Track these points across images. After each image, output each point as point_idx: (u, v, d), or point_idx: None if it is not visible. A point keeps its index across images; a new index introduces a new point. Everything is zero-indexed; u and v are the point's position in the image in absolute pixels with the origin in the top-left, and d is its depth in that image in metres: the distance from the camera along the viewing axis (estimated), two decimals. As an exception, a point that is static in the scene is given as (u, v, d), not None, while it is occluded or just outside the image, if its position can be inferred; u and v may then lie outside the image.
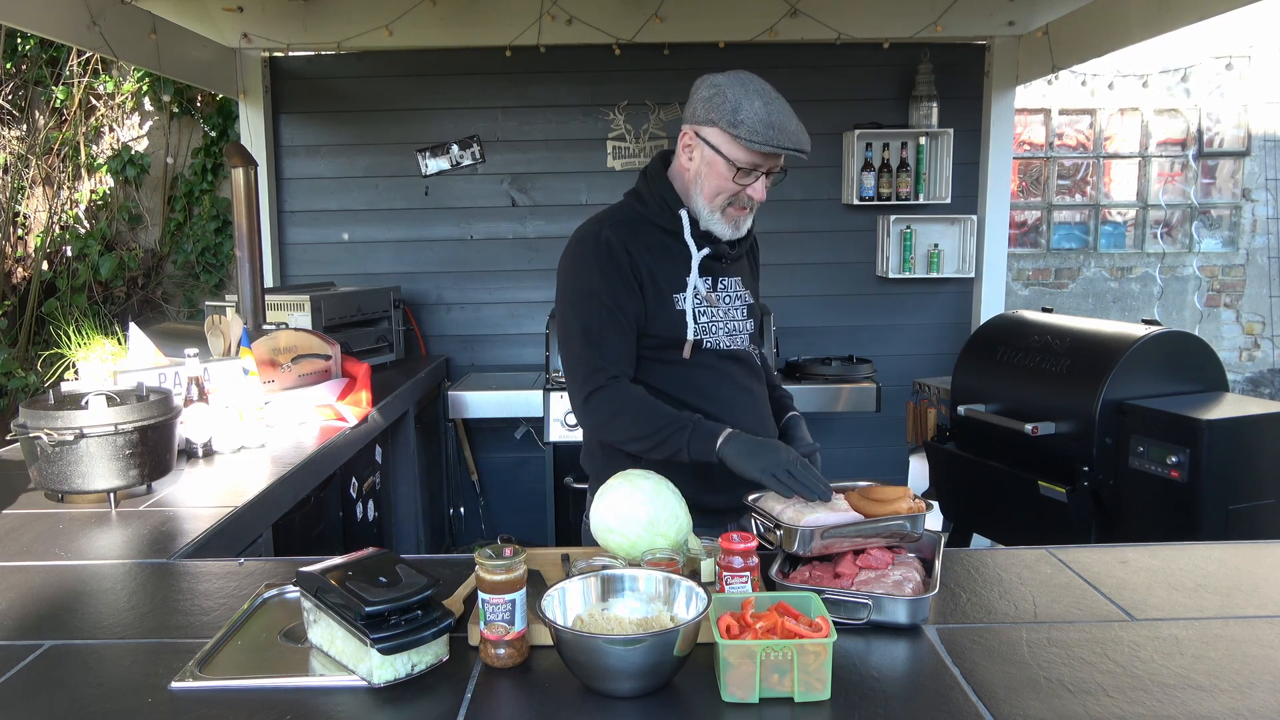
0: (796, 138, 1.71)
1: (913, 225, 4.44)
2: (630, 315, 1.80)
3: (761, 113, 1.69)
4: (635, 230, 1.84)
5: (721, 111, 1.71)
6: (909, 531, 1.50)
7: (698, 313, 1.85)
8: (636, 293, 1.80)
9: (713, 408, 1.82)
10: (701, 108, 1.75)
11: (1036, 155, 6.17)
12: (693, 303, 1.84)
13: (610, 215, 1.88)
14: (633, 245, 1.81)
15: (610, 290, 1.78)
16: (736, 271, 1.94)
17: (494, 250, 4.51)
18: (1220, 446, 2.74)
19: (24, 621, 1.42)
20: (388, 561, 1.29)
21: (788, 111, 1.73)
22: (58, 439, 1.88)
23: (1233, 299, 6.29)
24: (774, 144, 1.70)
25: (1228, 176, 6.24)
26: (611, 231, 1.81)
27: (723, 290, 1.90)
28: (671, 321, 1.83)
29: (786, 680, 1.14)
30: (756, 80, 1.75)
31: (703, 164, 1.78)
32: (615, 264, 1.78)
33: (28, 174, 5.09)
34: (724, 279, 1.91)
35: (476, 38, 4.21)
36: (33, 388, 4.67)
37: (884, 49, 4.35)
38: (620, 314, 1.79)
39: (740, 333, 1.92)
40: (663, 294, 1.82)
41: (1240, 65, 6.12)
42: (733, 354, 1.90)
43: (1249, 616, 1.40)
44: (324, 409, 2.78)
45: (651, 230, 1.85)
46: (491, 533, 4.64)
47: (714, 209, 1.80)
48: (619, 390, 1.78)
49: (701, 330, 1.85)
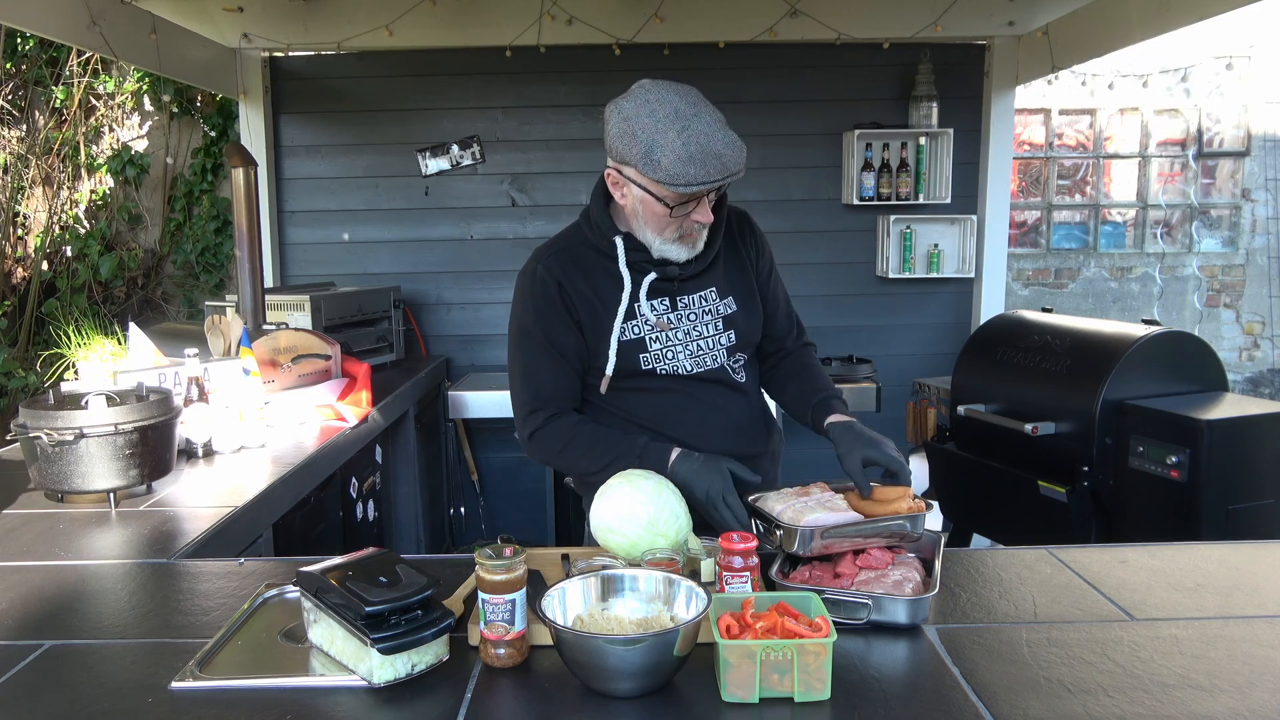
0: (724, 163, 1.55)
1: (913, 225, 4.44)
2: (569, 350, 1.77)
3: (677, 147, 1.53)
4: (577, 259, 1.78)
5: (635, 152, 1.57)
6: (909, 531, 1.50)
7: (651, 339, 1.76)
8: (574, 329, 1.76)
9: (675, 432, 1.78)
10: (616, 144, 1.62)
11: (1036, 155, 6.17)
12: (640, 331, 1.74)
13: (555, 244, 1.83)
14: (571, 277, 1.75)
15: (545, 327, 1.76)
16: (706, 282, 1.81)
17: (494, 250, 4.51)
18: (1220, 446, 2.74)
19: (24, 621, 1.42)
20: (388, 561, 1.29)
21: (711, 129, 1.56)
22: (58, 439, 1.88)
23: (1233, 299, 6.29)
24: (699, 182, 1.55)
25: (1228, 176, 6.24)
26: (548, 266, 1.77)
27: (684, 309, 1.78)
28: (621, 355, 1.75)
29: (786, 680, 1.14)
30: (666, 95, 1.58)
31: (636, 202, 1.67)
32: (549, 300, 1.75)
33: (28, 174, 5.09)
34: (685, 296, 1.79)
35: (476, 38, 4.21)
36: (33, 388, 4.67)
37: (884, 49, 4.35)
38: (555, 350, 1.76)
39: (710, 351, 1.80)
40: (601, 326, 1.75)
41: (1240, 65, 6.12)
42: (697, 376, 1.80)
43: (1249, 616, 1.40)
44: (324, 409, 2.78)
45: (594, 257, 1.77)
46: (491, 533, 4.64)
47: (665, 240, 1.70)
48: (559, 425, 1.78)
49: (655, 358, 1.76)
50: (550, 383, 1.78)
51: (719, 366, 1.82)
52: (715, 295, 1.82)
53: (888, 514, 1.49)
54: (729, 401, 1.84)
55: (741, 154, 1.59)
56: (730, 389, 1.84)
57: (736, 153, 1.58)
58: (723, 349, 1.82)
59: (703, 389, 1.81)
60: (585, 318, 1.76)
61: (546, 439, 1.78)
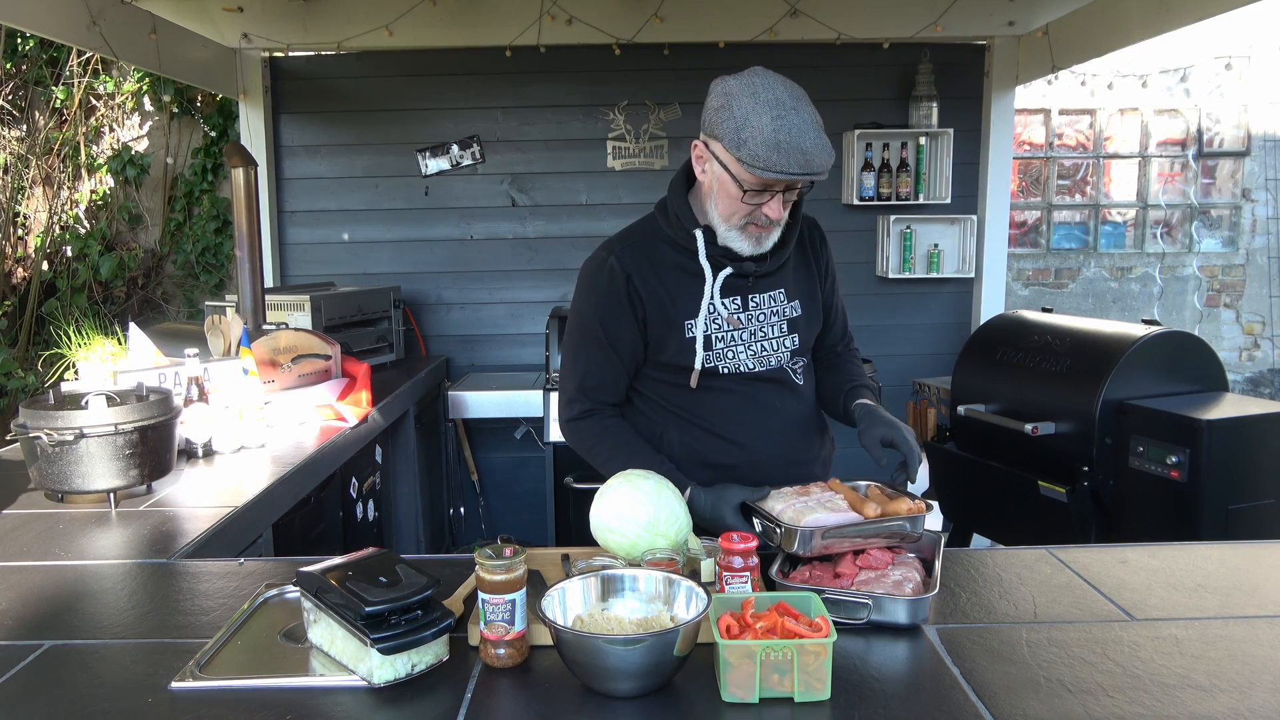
0: (808, 160, 1.54)
1: (913, 225, 4.44)
2: (625, 345, 1.77)
3: (768, 132, 1.53)
4: (650, 253, 1.76)
5: (726, 127, 1.58)
6: (909, 532, 1.50)
7: (716, 337, 1.75)
8: (634, 324, 1.76)
9: (730, 432, 1.79)
10: (710, 117, 1.63)
11: (1036, 155, 6.17)
12: (709, 328, 1.74)
13: (627, 236, 1.82)
14: (643, 271, 1.75)
15: (604, 321, 1.77)
16: (777, 283, 1.80)
17: (494, 250, 4.51)
18: (1220, 446, 2.74)
19: (24, 621, 1.42)
20: (388, 561, 1.29)
21: (805, 125, 1.55)
22: (58, 439, 1.88)
23: (1233, 299, 6.29)
24: (778, 170, 1.54)
25: (1227, 176, 6.24)
26: (620, 258, 1.76)
27: (755, 309, 1.78)
28: (681, 349, 1.75)
29: (786, 680, 1.14)
30: (773, 84, 1.58)
31: (714, 180, 1.67)
32: (614, 294, 1.75)
33: (28, 174, 5.09)
34: (757, 296, 1.78)
35: (476, 38, 4.21)
36: (33, 388, 4.67)
37: (884, 49, 4.35)
38: (611, 345, 1.78)
39: (774, 352, 1.80)
40: (671, 322, 1.74)
41: (1240, 65, 6.12)
42: (758, 376, 1.79)
43: (1249, 616, 1.40)
44: (324, 409, 2.78)
45: (669, 251, 1.76)
46: (491, 533, 4.64)
47: (730, 226, 1.69)
48: (595, 424, 1.82)
49: (718, 356, 1.75)
50: (596, 375, 1.80)
51: (780, 368, 1.82)
52: (784, 297, 1.81)
53: (887, 514, 1.49)
54: (786, 404, 1.84)
55: (828, 159, 1.57)
56: (789, 391, 1.84)
57: (823, 155, 1.57)
58: (786, 351, 1.82)
59: (763, 390, 1.80)
60: (651, 312, 1.75)
61: (580, 431, 1.83)
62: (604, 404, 1.82)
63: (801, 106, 1.57)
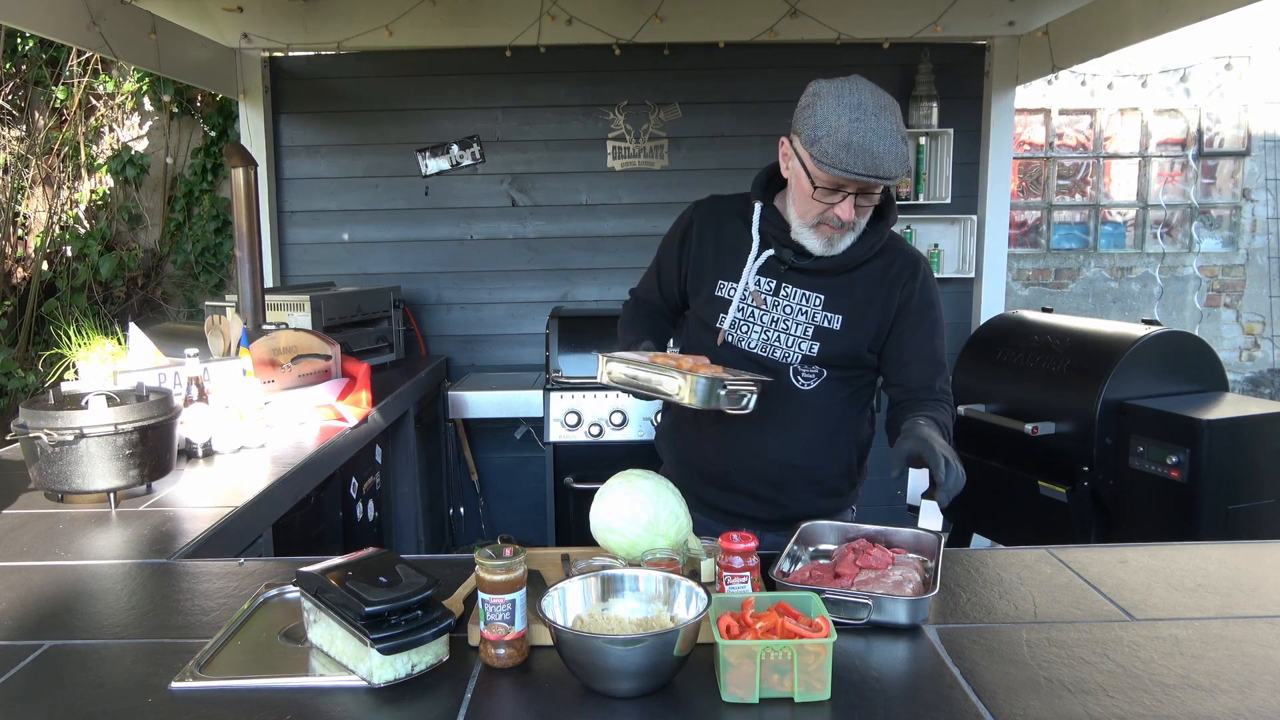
0: (877, 163, 1.58)
1: (913, 225, 4.44)
2: (667, 275, 1.99)
3: (843, 132, 1.58)
4: (721, 213, 1.91)
5: (807, 125, 1.64)
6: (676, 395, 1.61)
7: (737, 307, 1.83)
8: (677, 264, 1.94)
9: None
10: (797, 114, 1.69)
11: (1036, 155, 6.17)
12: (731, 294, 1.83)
13: (718, 197, 1.98)
14: (705, 223, 1.91)
15: (664, 249, 2.00)
16: (819, 287, 1.81)
17: (494, 250, 4.51)
18: (1220, 446, 2.74)
19: (24, 621, 1.42)
20: (388, 561, 1.29)
21: (882, 130, 1.59)
22: (58, 439, 1.88)
23: (1233, 299, 6.29)
24: (845, 169, 1.59)
25: (1228, 176, 6.24)
26: (697, 209, 1.95)
27: (784, 298, 1.81)
28: (708, 301, 1.87)
29: (786, 680, 1.14)
30: (860, 89, 1.64)
31: (794, 175, 1.74)
32: (676, 234, 1.96)
33: (28, 174, 5.09)
34: (790, 287, 1.81)
35: (476, 38, 4.21)
36: (33, 388, 4.67)
37: (884, 49, 4.35)
38: (659, 269, 2.01)
39: (786, 347, 1.81)
40: (707, 274, 1.88)
41: (1240, 65, 6.12)
42: (758, 361, 1.82)
43: (1249, 616, 1.40)
44: (324, 409, 2.78)
45: (737, 220, 1.87)
46: (491, 533, 4.64)
47: (805, 223, 1.74)
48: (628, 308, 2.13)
49: (733, 325, 1.84)
50: (643, 287, 2.10)
51: (786, 365, 1.82)
52: (820, 303, 1.81)
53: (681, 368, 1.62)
54: (781, 404, 1.83)
55: (901, 166, 1.62)
56: (784, 391, 1.83)
57: (895, 161, 1.61)
58: (799, 352, 1.81)
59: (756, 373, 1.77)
60: (694, 259, 1.91)
61: (622, 314, 2.13)
62: (640, 300, 2.11)
63: (884, 115, 1.62)
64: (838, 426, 1.89)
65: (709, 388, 1.59)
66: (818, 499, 1.91)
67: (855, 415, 1.93)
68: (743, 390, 1.64)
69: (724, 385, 1.61)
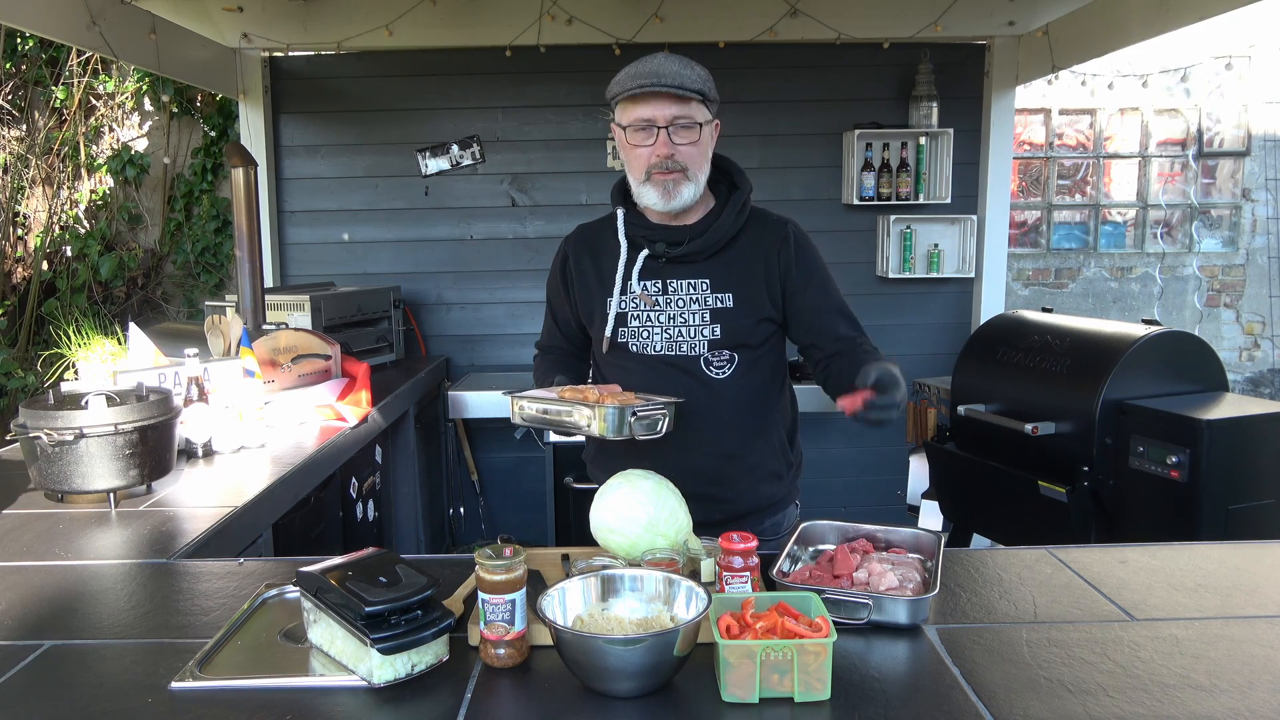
0: (659, 75, 1.70)
1: (913, 225, 4.44)
2: (560, 314, 2.03)
3: (631, 69, 1.73)
4: (593, 238, 1.95)
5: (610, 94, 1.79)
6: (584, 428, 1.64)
7: (631, 315, 1.86)
8: (566, 299, 1.99)
9: None
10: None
11: (1036, 155, 6.17)
12: (623, 305, 1.86)
13: (586, 224, 2.01)
14: (579, 254, 1.95)
15: (550, 291, 2.04)
16: (701, 272, 1.84)
17: (494, 250, 4.51)
18: (1220, 446, 2.74)
19: (24, 621, 1.42)
20: (388, 561, 1.29)
21: (668, 60, 1.72)
22: (58, 439, 1.88)
23: (1233, 299, 6.29)
24: (635, 84, 1.70)
25: (1228, 176, 6.23)
26: (568, 240, 2.00)
27: (674, 293, 1.85)
28: (604, 323, 1.89)
29: (786, 680, 1.14)
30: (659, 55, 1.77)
31: (619, 146, 1.84)
32: (556, 269, 2.01)
33: (28, 174, 5.09)
34: (676, 281, 1.85)
35: (476, 38, 4.21)
36: (33, 388, 4.66)
37: (884, 49, 4.35)
38: (552, 311, 2.06)
39: (689, 339, 1.84)
40: (595, 297, 1.91)
41: (1240, 65, 6.12)
42: (667, 360, 1.85)
43: (1249, 616, 1.40)
44: (324, 409, 2.78)
45: (608, 234, 1.91)
46: (491, 533, 4.64)
47: (640, 180, 1.81)
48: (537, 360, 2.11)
49: (632, 334, 1.87)
50: (546, 334, 2.11)
51: (695, 357, 1.85)
52: (707, 287, 1.85)
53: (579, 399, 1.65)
54: (695, 395, 1.83)
55: (689, 72, 1.72)
56: (700, 383, 1.85)
57: (681, 68, 1.72)
58: (704, 340, 1.85)
59: (669, 375, 1.85)
60: (579, 291, 1.95)
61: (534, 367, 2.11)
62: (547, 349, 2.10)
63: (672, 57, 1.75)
64: (760, 409, 1.92)
65: (619, 416, 1.61)
66: (760, 486, 1.93)
67: (775, 394, 1.96)
68: (655, 415, 1.65)
69: (634, 412, 1.62)
